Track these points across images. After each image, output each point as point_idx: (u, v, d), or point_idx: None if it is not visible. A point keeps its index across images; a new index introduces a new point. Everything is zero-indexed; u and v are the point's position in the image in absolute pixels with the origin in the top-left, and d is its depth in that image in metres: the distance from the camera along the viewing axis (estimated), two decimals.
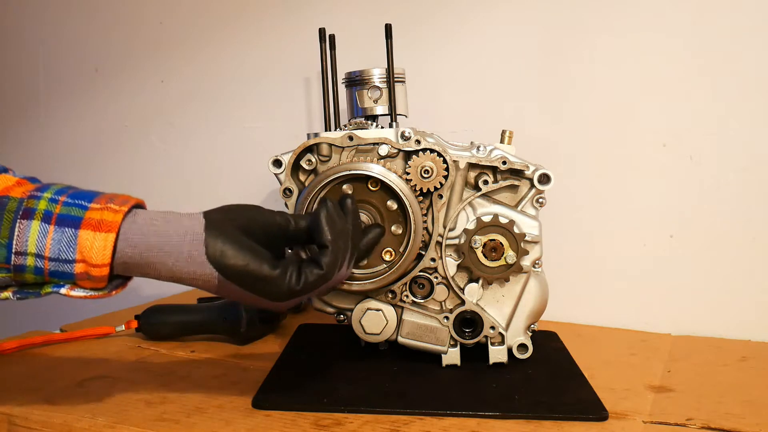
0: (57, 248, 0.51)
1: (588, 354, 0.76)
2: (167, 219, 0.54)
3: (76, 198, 0.53)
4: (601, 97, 0.89)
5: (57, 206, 0.52)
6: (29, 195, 0.53)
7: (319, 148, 0.69)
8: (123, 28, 1.18)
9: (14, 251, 0.51)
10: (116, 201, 0.54)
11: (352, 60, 0.78)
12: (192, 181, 1.16)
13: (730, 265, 0.85)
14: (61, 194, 0.53)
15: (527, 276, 0.70)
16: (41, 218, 0.51)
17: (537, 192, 0.70)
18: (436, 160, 0.68)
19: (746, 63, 0.82)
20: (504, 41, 0.93)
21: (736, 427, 0.58)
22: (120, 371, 0.72)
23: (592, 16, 0.88)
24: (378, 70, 0.73)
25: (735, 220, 0.84)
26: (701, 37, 0.84)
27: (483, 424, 0.59)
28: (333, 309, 0.72)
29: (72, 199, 0.53)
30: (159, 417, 0.60)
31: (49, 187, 0.54)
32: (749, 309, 0.84)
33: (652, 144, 0.87)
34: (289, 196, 0.70)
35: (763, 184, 0.83)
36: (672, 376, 0.71)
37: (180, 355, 0.77)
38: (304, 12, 1.03)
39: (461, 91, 0.95)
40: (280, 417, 0.60)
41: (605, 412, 0.60)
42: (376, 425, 0.59)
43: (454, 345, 0.70)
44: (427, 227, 0.69)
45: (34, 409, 0.62)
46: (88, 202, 0.53)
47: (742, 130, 0.83)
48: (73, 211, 0.52)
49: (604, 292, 0.91)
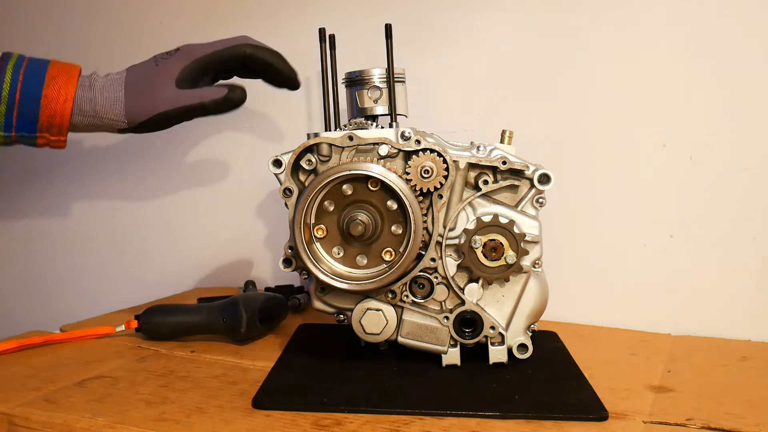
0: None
1: (588, 354, 0.76)
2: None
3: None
4: (601, 97, 0.89)
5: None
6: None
7: (319, 148, 0.69)
8: (123, 29, 1.18)
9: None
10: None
11: (352, 60, 0.78)
12: (192, 180, 1.16)
13: (730, 265, 0.85)
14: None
15: (527, 276, 0.70)
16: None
17: (537, 192, 0.70)
18: (436, 160, 0.68)
19: (746, 63, 0.82)
20: (504, 41, 0.93)
21: (736, 427, 0.58)
22: (120, 371, 0.72)
23: (592, 16, 0.88)
24: (378, 70, 0.73)
25: (735, 220, 0.84)
26: (701, 37, 0.84)
27: (483, 424, 0.59)
28: (333, 309, 0.72)
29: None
30: (159, 417, 0.60)
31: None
32: (749, 309, 0.84)
33: (652, 144, 0.87)
34: (289, 196, 0.70)
35: (763, 184, 0.83)
36: (672, 376, 0.71)
37: (180, 355, 0.77)
38: (304, 12, 1.03)
39: (461, 91, 0.95)
40: (280, 417, 0.60)
41: (605, 412, 0.60)
42: (376, 425, 0.59)
43: (454, 345, 0.70)
44: (427, 227, 0.69)
45: (34, 409, 0.62)
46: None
47: (742, 130, 0.83)
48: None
49: (604, 292, 0.91)
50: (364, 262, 0.70)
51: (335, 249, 0.70)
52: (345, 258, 0.70)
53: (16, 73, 0.69)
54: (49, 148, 0.74)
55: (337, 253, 0.70)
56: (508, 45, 0.92)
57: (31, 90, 0.69)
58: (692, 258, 0.86)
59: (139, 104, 0.70)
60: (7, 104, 0.68)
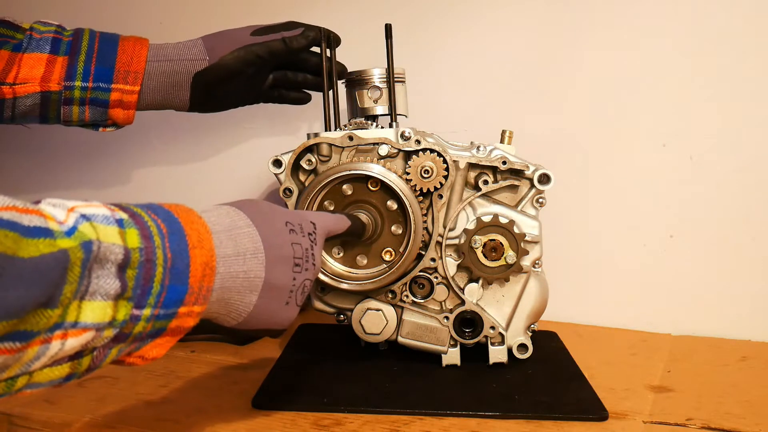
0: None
1: (588, 354, 0.76)
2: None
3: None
4: (601, 97, 0.89)
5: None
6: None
7: (319, 148, 0.69)
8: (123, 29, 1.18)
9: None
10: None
11: (352, 60, 0.78)
12: (192, 181, 1.16)
13: (730, 265, 0.85)
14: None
15: (527, 276, 0.70)
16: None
17: (537, 192, 0.70)
18: (436, 160, 0.68)
19: (746, 63, 0.82)
20: (504, 41, 0.93)
21: (736, 427, 0.58)
22: (120, 371, 0.72)
23: (593, 17, 0.88)
24: (378, 70, 0.73)
25: (735, 220, 0.84)
26: (701, 37, 0.84)
27: (483, 424, 0.59)
28: (333, 309, 0.72)
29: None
30: (159, 417, 0.60)
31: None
32: (749, 309, 0.84)
33: (652, 144, 0.87)
34: (289, 196, 0.70)
35: (763, 184, 0.83)
36: (672, 376, 0.71)
37: (180, 355, 0.77)
38: (304, 12, 1.03)
39: (461, 91, 0.95)
40: (280, 417, 0.60)
41: (605, 412, 0.60)
42: (376, 425, 0.59)
43: (454, 345, 0.70)
44: (427, 227, 0.69)
45: (34, 409, 0.62)
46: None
47: (742, 130, 0.83)
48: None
49: (604, 292, 0.91)
50: (364, 262, 0.70)
51: (335, 249, 0.70)
52: (345, 258, 0.70)
53: (93, 32, 0.73)
54: (117, 119, 0.74)
55: (337, 253, 0.70)
56: (508, 45, 0.92)
57: (109, 39, 0.72)
58: (692, 258, 0.86)
59: (219, 42, 0.73)
60: (87, 53, 0.70)
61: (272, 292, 0.50)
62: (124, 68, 0.70)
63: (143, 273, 0.39)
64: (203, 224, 0.45)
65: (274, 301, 0.50)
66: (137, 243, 0.39)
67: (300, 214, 0.55)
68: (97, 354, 0.40)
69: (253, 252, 0.48)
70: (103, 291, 0.37)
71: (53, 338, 0.35)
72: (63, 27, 0.72)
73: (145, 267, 0.39)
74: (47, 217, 0.35)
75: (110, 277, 0.37)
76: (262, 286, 0.49)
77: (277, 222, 0.52)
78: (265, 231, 0.50)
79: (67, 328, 0.36)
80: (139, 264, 0.39)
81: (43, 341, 0.35)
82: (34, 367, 0.36)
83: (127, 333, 0.40)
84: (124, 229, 0.39)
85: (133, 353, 0.43)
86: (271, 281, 0.50)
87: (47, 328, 0.35)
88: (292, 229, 0.52)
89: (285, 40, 0.72)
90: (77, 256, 0.35)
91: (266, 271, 0.49)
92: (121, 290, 0.38)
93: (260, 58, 0.72)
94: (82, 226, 0.36)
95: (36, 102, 0.70)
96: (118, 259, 0.38)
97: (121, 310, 0.39)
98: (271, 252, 0.50)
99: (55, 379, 0.38)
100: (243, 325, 0.51)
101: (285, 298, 0.51)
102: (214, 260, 0.45)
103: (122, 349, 0.41)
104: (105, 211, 0.39)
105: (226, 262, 0.46)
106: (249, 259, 0.48)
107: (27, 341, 0.34)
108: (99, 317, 0.37)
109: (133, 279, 0.39)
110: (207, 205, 0.50)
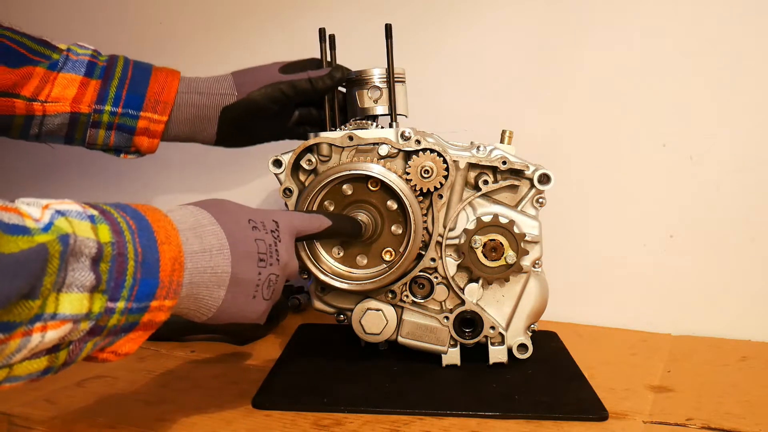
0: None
1: (588, 354, 0.76)
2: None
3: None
4: (601, 97, 0.89)
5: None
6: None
7: (319, 148, 0.69)
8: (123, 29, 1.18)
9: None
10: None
11: (352, 60, 0.78)
12: (192, 181, 1.16)
13: (730, 265, 0.85)
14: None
15: (527, 276, 0.70)
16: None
17: (537, 192, 0.70)
18: (436, 160, 0.68)
19: (746, 63, 0.82)
20: (504, 41, 0.93)
21: (736, 427, 0.58)
22: (120, 371, 0.71)
23: (593, 17, 0.88)
24: (378, 70, 0.73)
25: (735, 220, 0.84)
26: (701, 37, 0.84)
27: (483, 424, 0.59)
28: (333, 309, 0.72)
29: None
30: (159, 417, 0.60)
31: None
32: (749, 309, 0.84)
33: (652, 144, 0.87)
34: (289, 196, 0.70)
35: (763, 184, 0.83)
36: (672, 376, 0.71)
37: (180, 355, 0.77)
38: (304, 12, 1.03)
39: (461, 91, 0.95)
40: (280, 417, 0.60)
41: (605, 412, 0.60)
42: (376, 425, 0.59)
43: (454, 345, 0.70)
44: (427, 227, 0.69)
45: (34, 409, 0.62)
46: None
47: (742, 130, 0.83)
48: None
49: (604, 292, 0.91)
50: (364, 262, 0.70)
51: (335, 249, 0.70)
52: (345, 258, 0.70)
53: (127, 59, 0.74)
54: (141, 147, 0.75)
55: (337, 253, 0.70)
56: (508, 45, 0.92)
57: (142, 68, 0.73)
58: (692, 258, 0.86)
59: (248, 78, 0.74)
60: (120, 79, 0.71)
61: (239, 287, 0.52)
62: (155, 97, 0.71)
63: (116, 266, 0.41)
64: (170, 222, 0.47)
65: (241, 295, 0.52)
66: (109, 237, 0.41)
67: (264, 212, 0.57)
68: (73, 348, 0.42)
69: (218, 248, 0.50)
70: (79, 283, 0.39)
71: (34, 331, 0.37)
72: (99, 52, 0.73)
73: (117, 260, 0.41)
74: (24, 215, 0.36)
75: (85, 270, 0.39)
76: (229, 281, 0.51)
77: (240, 220, 0.54)
78: (229, 228, 0.52)
79: (46, 320, 0.37)
80: (111, 258, 0.41)
81: (24, 333, 0.36)
82: (14, 359, 0.37)
83: (102, 326, 0.42)
84: (96, 224, 0.41)
85: (106, 348, 0.45)
86: (237, 276, 0.52)
87: (29, 319, 0.36)
88: (255, 227, 0.55)
89: (311, 81, 0.72)
90: (56, 249, 0.37)
91: (232, 266, 0.51)
92: (96, 283, 0.40)
93: (286, 96, 0.72)
94: (58, 221, 0.38)
95: (64, 122, 0.71)
96: (92, 252, 0.39)
97: (97, 303, 0.40)
98: (236, 248, 0.52)
99: (33, 372, 0.40)
100: (213, 319, 0.52)
101: (252, 292, 0.53)
102: (182, 256, 0.47)
103: (97, 342, 0.43)
104: (78, 208, 0.41)
105: (193, 258, 0.48)
106: (215, 255, 0.50)
107: (10, 332, 0.35)
108: (76, 309, 0.39)
109: (106, 272, 0.41)
110: (171, 206, 0.52)
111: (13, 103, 0.67)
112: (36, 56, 0.69)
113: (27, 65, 0.68)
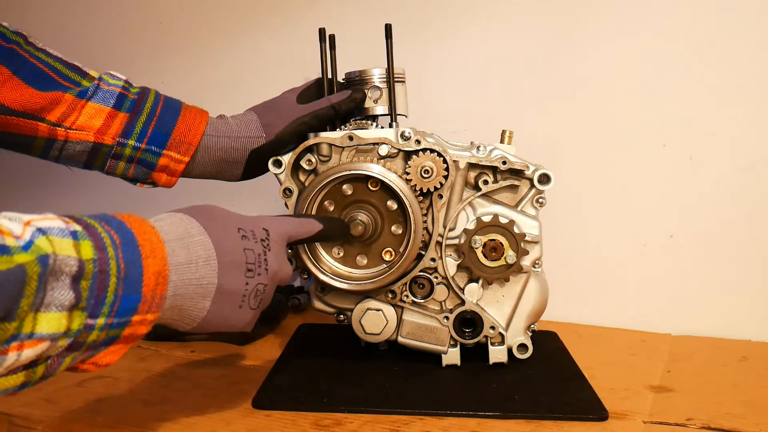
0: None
1: (588, 354, 0.76)
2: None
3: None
4: (601, 97, 0.89)
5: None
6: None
7: (319, 148, 0.69)
8: (123, 29, 1.18)
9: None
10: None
11: (352, 60, 0.78)
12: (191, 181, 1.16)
13: (730, 265, 0.85)
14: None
15: (527, 276, 0.70)
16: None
17: (537, 192, 0.70)
18: (436, 160, 0.68)
19: (746, 63, 0.82)
20: (504, 41, 0.93)
21: (736, 427, 0.58)
22: (120, 371, 0.71)
23: (593, 17, 0.88)
24: (378, 70, 0.73)
25: (735, 221, 0.84)
26: (701, 37, 0.84)
27: (483, 424, 0.59)
28: (333, 309, 0.72)
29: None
30: (159, 417, 0.60)
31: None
32: (749, 309, 0.84)
33: (652, 144, 0.87)
34: (289, 196, 0.70)
35: (763, 184, 0.83)
36: (672, 376, 0.71)
37: (180, 355, 0.77)
38: (304, 12, 1.03)
39: (461, 91, 0.95)
40: (280, 417, 0.60)
41: (605, 412, 0.60)
42: (376, 425, 0.59)
43: (454, 345, 0.70)
44: (427, 227, 0.69)
45: (34, 409, 0.62)
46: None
47: (742, 130, 0.83)
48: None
49: (604, 292, 0.91)
50: (364, 262, 0.70)
51: (335, 249, 0.70)
52: (345, 258, 0.70)
53: (158, 94, 0.72)
54: (158, 182, 0.74)
55: (337, 253, 0.70)
56: (508, 45, 0.92)
57: (172, 106, 0.72)
58: (692, 258, 0.86)
59: (273, 117, 0.72)
60: (148, 115, 0.70)
61: (225, 297, 0.52)
62: (180, 137, 0.71)
63: (97, 284, 0.41)
64: (156, 234, 0.47)
65: (227, 305, 0.52)
66: (91, 254, 0.40)
67: (254, 220, 0.57)
68: (51, 363, 0.41)
69: (205, 259, 0.50)
70: (58, 302, 0.38)
71: (9, 350, 0.36)
72: (130, 83, 0.72)
73: (98, 278, 0.41)
74: (4, 233, 0.36)
75: (65, 289, 0.39)
76: (215, 292, 0.51)
77: (230, 228, 0.53)
78: (217, 237, 0.51)
79: (23, 339, 0.37)
80: (93, 275, 0.40)
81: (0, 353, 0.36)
82: None
83: (81, 342, 0.41)
84: (79, 240, 0.40)
85: (86, 360, 0.44)
86: (223, 287, 0.51)
87: (4, 340, 0.36)
88: (244, 236, 0.54)
89: (334, 107, 0.72)
90: (34, 270, 0.36)
91: (219, 277, 0.51)
92: (76, 301, 0.39)
93: (312, 128, 0.72)
94: (38, 240, 0.37)
95: (86, 150, 0.70)
96: (72, 270, 0.39)
97: (76, 320, 0.40)
98: (223, 258, 0.51)
99: (10, 387, 0.40)
100: (198, 329, 0.52)
101: (238, 302, 0.53)
102: (166, 269, 0.46)
103: (76, 357, 0.43)
104: (60, 224, 0.40)
105: (178, 270, 0.48)
106: (201, 266, 0.50)
107: None
108: (54, 328, 0.38)
109: (87, 290, 0.40)
110: (160, 214, 0.51)
111: (36, 125, 0.67)
112: (66, 81, 0.68)
113: (56, 90, 0.66)
